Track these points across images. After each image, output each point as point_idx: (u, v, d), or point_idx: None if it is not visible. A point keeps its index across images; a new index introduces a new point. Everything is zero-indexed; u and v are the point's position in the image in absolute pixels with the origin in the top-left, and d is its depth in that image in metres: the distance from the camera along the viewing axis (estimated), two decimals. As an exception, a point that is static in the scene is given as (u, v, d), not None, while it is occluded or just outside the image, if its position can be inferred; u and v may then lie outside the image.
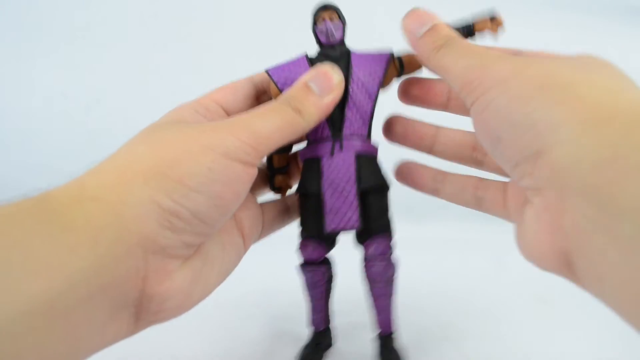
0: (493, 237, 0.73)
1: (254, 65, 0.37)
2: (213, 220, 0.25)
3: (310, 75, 0.29)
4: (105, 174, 0.23)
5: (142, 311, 0.23)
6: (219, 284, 0.28)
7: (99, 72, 0.95)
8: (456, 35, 0.28)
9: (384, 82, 0.33)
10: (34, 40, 0.98)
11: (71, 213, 0.20)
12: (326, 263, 0.35)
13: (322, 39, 0.33)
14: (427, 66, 0.29)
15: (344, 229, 0.32)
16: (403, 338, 0.41)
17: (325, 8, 0.32)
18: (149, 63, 0.95)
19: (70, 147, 0.90)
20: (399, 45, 0.33)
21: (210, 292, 0.28)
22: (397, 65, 0.33)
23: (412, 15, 0.29)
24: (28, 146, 0.94)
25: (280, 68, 0.33)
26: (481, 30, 0.31)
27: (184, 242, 0.24)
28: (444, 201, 0.36)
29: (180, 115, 0.29)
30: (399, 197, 0.78)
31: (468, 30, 0.31)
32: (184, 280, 0.25)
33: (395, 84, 0.35)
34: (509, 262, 0.65)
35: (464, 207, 0.35)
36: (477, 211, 0.34)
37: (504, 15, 0.31)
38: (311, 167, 0.33)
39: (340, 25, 0.33)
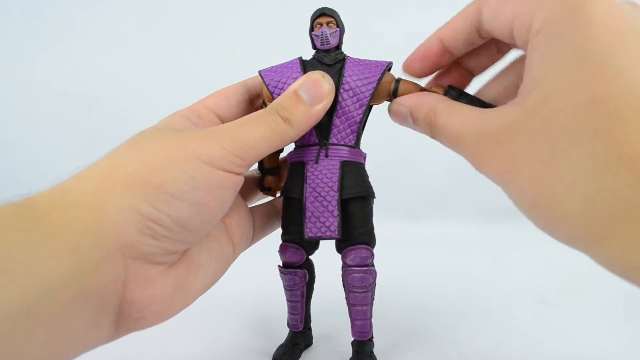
0: (493, 237, 0.73)
1: (254, 63, 0.36)
2: (195, 227, 0.25)
3: (300, 83, 0.29)
4: (87, 180, 0.23)
5: (123, 317, 0.23)
6: (203, 292, 0.28)
7: (101, 71, 0.96)
8: (431, 115, 0.27)
9: (376, 93, 0.32)
10: (35, 39, 0.98)
11: (52, 219, 0.20)
12: (306, 266, 0.36)
13: (317, 43, 0.33)
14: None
15: (323, 237, 0.32)
16: (402, 338, 0.41)
17: (323, 14, 0.33)
18: (151, 62, 0.96)
19: (72, 146, 0.90)
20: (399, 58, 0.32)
21: (193, 300, 0.28)
22: (391, 87, 0.32)
23: (393, 111, 0.30)
24: (29, 145, 0.95)
25: (273, 70, 0.33)
26: None
27: (166, 249, 0.24)
28: (444, 201, 0.36)
29: (172, 122, 0.29)
30: (399, 197, 0.79)
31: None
32: (166, 287, 0.25)
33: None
34: (509, 262, 0.65)
35: (463, 207, 0.34)
36: (477, 211, 0.34)
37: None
38: (296, 171, 0.33)
39: (337, 31, 0.33)
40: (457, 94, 0.29)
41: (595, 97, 0.18)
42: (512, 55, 0.29)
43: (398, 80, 0.32)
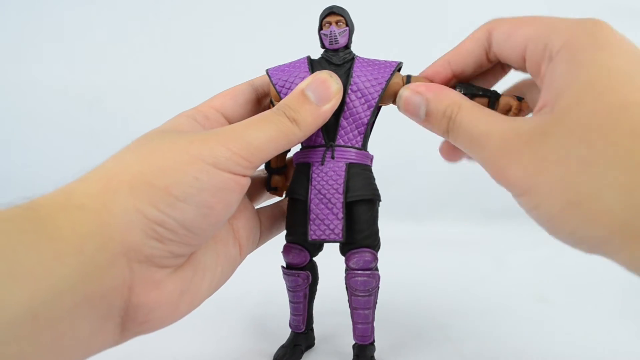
0: (493, 237, 0.73)
1: (255, 63, 0.36)
2: (201, 230, 0.25)
3: (308, 82, 0.29)
4: (92, 182, 0.23)
5: (128, 321, 0.23)
6: (209, 295, 0.28)
7: (101, 71, 0.96)
8: (454, 109, 0.25)
9: (385, 94, 0.32)
10: (35, 39, 0.98)
11: (57, 221, 0.20)
12: (309, 268, 0.35)
13: (326, 43, 0.32)
14: None
15: (327, 239, 0.32)
16: (402, 338, 0.41)
17: (332, 13, 0.32)
18: (152, 62, 0.95)
19: (73, 147, 0.90)
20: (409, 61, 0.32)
21: (199, 303, 0.27)
22: (403, 82, 0.31)
23: (404, 98, 0.28)
24: (29, 146, 0.94)
25: (280, 69, 0.33)
26: (505, 106, 0.29)
27: (171, 251, 0.24)
28: (444, 201, 0.36)
29: (178, 124, 0.29)
30: (399, 197, 0.78)
31: (493, 97, 0.29)
32: (172, 290, 0.25)
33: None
34: (509, 262, 0.65)
35: (463, 207, 0.34)
36: (477, 211, 0.34)
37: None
38: (302, 172, 0.33)
39: (346, 30, 0.32)
40: (468, 86, 0.30)
41: (629, 101, 0.19)
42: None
43: (409, 77, 0.32)
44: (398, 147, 0.77)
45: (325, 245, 0.35)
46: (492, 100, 0.30)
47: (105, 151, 0.25)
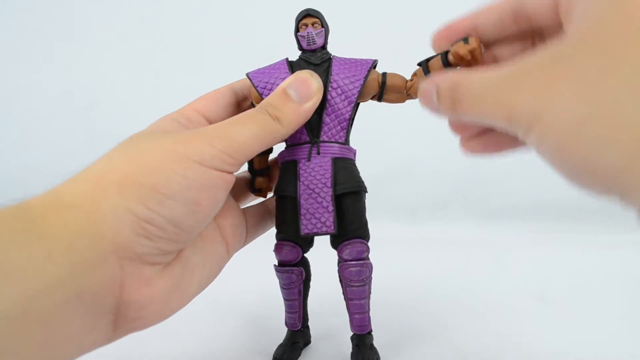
0: (493, 237, 0.73)
1: (253, 64, 0.37)
2: (189, 227, 0.25)
3: (289, 82, 0.30)
4: (82, 182, 0.24)
5: (120, 318, 0.23)
6: (199, 292, 0.29)
7: (100, 72, 0.97)
8: (457, 77, 0.24)
9: (364, 90, 0.33)
10: (34, 40, 0.99)
11: (48, 220, 0.21)
12: (302, 264, 0.36)
13: (304, 44, 0.33)
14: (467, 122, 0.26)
15: (319, 232, 0.32)
16: (403, 339, 0.41)
17: (307, 15, 0.33)
18: (149, 63, 0.96)
19: (71, 147, 0.91)
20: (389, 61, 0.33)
21: (189, 300, 0.28)
22: (379, 80, 0.33)
23: (421, 89, 0.26)
24: (28, 146, 0.95)
25: (260, 72, 0.34)
26: (455, 55, 0.26)
27: (160, 249, 0.24)
28: (444, 201, 0.35)
29: (162, 126, 0.29)
30: (400, 197, 0.78)
31: (444, 60, 0.27)
32: (162, 287, 0.25)
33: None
34: (509, 261, 0.65)
35: (463, 207, 0.34)
36: (476, 211, 0.33)
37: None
38: (288, 170, 0.33)
39: (322, 31, 0.33)
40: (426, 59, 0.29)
41: None
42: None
43: (384, 74, 0.33)
44: (399, 149, 0.77)
45: (315, 244, 0.36)
46: (444, 57, 0.28)
47: (105, 152, 0.26)
